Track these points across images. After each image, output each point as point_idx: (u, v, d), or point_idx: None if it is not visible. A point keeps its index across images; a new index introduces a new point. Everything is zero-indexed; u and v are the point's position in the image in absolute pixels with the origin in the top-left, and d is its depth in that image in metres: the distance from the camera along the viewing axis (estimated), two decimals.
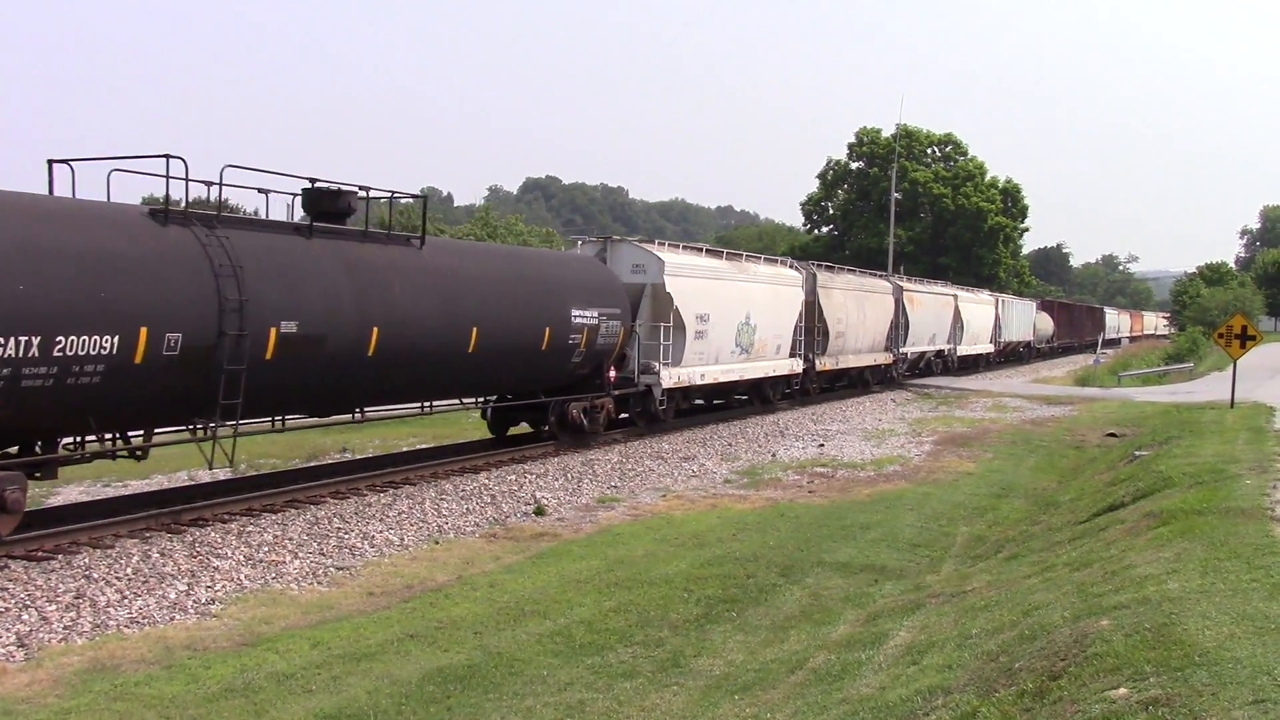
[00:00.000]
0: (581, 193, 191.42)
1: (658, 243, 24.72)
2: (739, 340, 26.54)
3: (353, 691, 8.33)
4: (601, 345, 20.93)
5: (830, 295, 32.96)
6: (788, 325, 29.67)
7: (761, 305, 27.63)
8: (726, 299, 25.80)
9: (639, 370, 22.85)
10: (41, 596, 10.48)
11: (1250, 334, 26.26)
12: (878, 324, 37.70)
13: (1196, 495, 12.07)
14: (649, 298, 23.11)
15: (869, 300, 36.83)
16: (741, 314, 26.52)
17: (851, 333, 34.83)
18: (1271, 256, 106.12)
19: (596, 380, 21.47)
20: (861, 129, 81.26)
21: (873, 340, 37.46)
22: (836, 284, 34.10)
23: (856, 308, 35.25)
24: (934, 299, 44.98)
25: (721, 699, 8.14)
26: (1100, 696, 5.70)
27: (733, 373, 26.77)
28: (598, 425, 21.50)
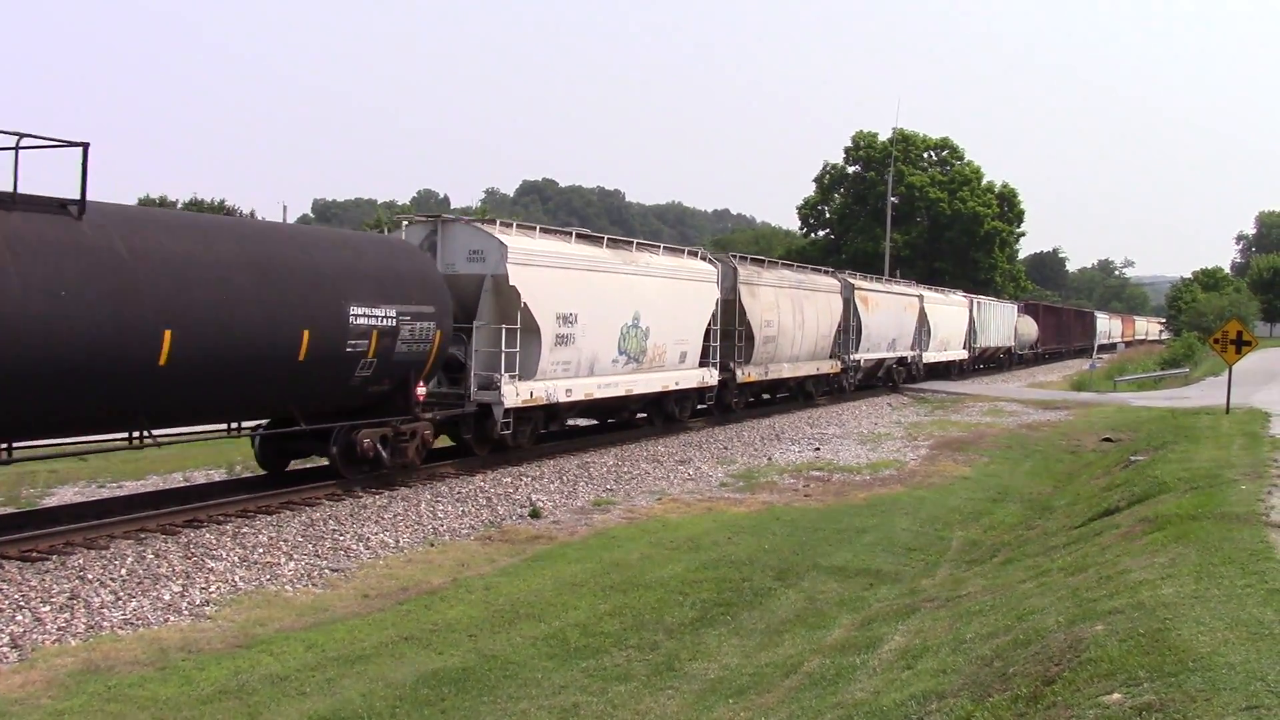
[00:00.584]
0: (578, 195, 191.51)
1: (500, 224, 19.50)
2: (624, 346, 21.87)
3: (347, 694, 8.32)
4: (405, 354, 16.23)
5: (757, 293, 28.43)
6: (696, 328, 24.92)
7: (658, 304, 22.89)
8: (603, 296, 21.02)
9: (476, 385, 18.37)
10: (35, 597, 10.46)
11: (1245, 339, 26.28)
12: (821, 327, 33.01)
13: (1191, 500, 12.09)
14: (490, 293, 18.56)
15: (810, 300, 32.15)
16: (627, 314, 21.92)
17: (786, 337, 30.24)
18: (1267, 262, 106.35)
19: (403, 400, 16.74)
20: (858, 133, 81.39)
21: (814, 346, 32.77)
22: (766, 280, 29.31)
23: (793, 308, 30.67)
24: (893, 299, 40.50)
25: (716, 703, 8.14)
26: (1094, 702, 5.70)
27: (614, 386, 21.82)
28: (407, 457, 16.88)
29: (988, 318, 55.38)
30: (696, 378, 25.22)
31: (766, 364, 29.44)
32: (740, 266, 27.92)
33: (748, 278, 28.05)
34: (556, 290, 19.65)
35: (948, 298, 49.82)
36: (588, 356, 20.73)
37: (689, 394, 25.69)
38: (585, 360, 20.68)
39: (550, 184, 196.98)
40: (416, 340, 16.39)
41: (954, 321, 49.29)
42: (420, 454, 17.35)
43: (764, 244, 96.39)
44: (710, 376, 25.79)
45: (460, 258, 18.71)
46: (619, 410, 24.03)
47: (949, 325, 48.10)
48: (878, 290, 39.38)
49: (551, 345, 19.48)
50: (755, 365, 28.66)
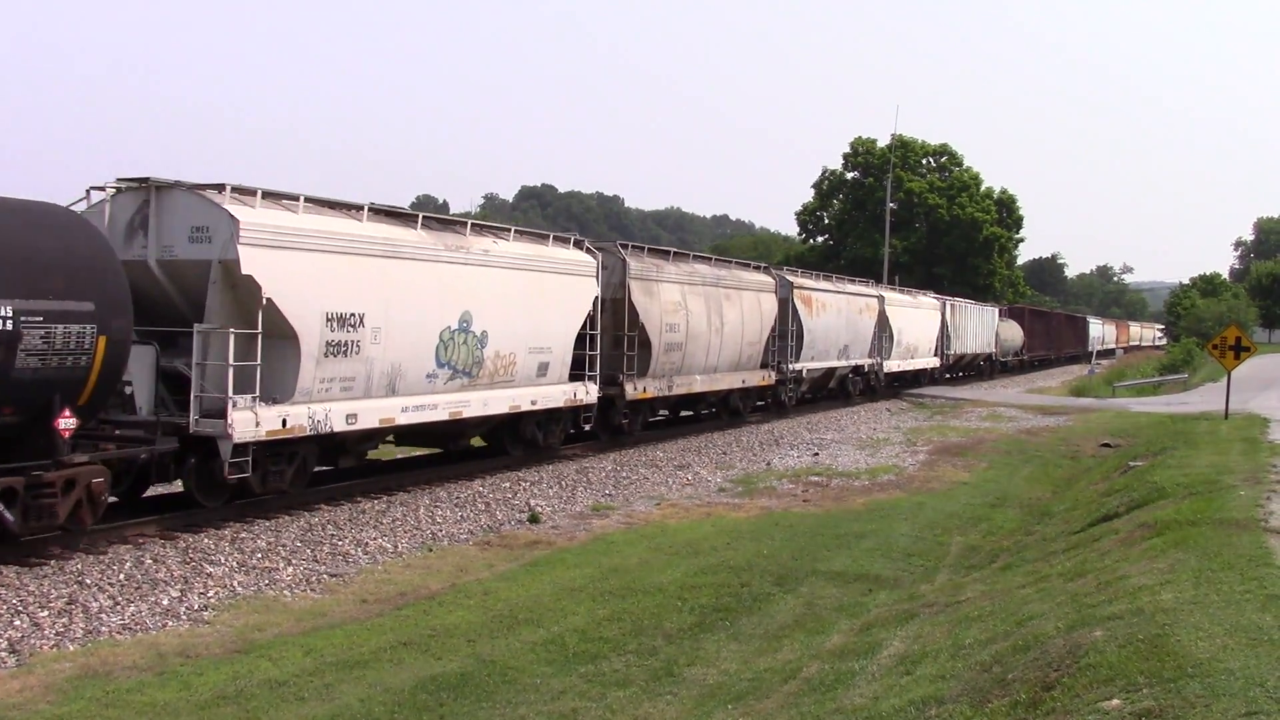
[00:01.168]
0: (577, 201, 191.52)
1: (232, 191, 14.25)
2: (446, 357, 17.08)
3: (345, 699, 8.31)
4: (36, 371, 11.43)
5: (656, 291, 23.64)
6: (564, 334, 20.31)
7: (503, 303, 18.37)
8: (410, 291, 16.26)
9: (199, 411, 13.65)
10: (33, 602, 10.45)
11: (1244, 345, 26.31)
12: (749, 332, 28.16)
13: (1191, 506, 12.08)
14: (218, 285, 13.88)
15: (734, 300, 27.41)
16: (450, 316, 17.14)
17: (698, 344, 25.31)
18: (1265, 268, 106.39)
19: (42, 438, 11.81)
20: (857, 139, 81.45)
21: (739, 354, 27.83)
22: (669, 275, 24.49)
23: (707, 310, 25.88)
24: (844, 301, 35.69)
25: (715, 708, 8.13)
26: (1094, 707, 5.70)
27: (431, 409, 16.92)
28: (58, 518, 11.91)
29: (964, 322, 51.44)
30: (564, 395, 20.31)
31: (670, 376, 24.36)
32: (632, 258, 23.04)
33: (642, 272, 23.31)
34: (326, 283, 14.88)
35: (916, 299, 45.60)
36: (384, 371, 15.87)
37: (559, 415, 20.79)
38: (381, 376, 15.83)
39: (549, 189, 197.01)
40: (59, 351, 11.61)
41: (922, 326, 44.86)
42: (95, 512, 12.43)
43: (763, 249, 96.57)
44: (586, 393, 21.00)
45: (181, 237, 14.02)
46: (453, 437, 19.21)
47: (916, 330, 43.72)
48: (824, 289, 34.46)
49: (318, 356, 14.73)
50: (654, 378, 23.63)
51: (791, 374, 31.48)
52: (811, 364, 32.99)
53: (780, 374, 30.77)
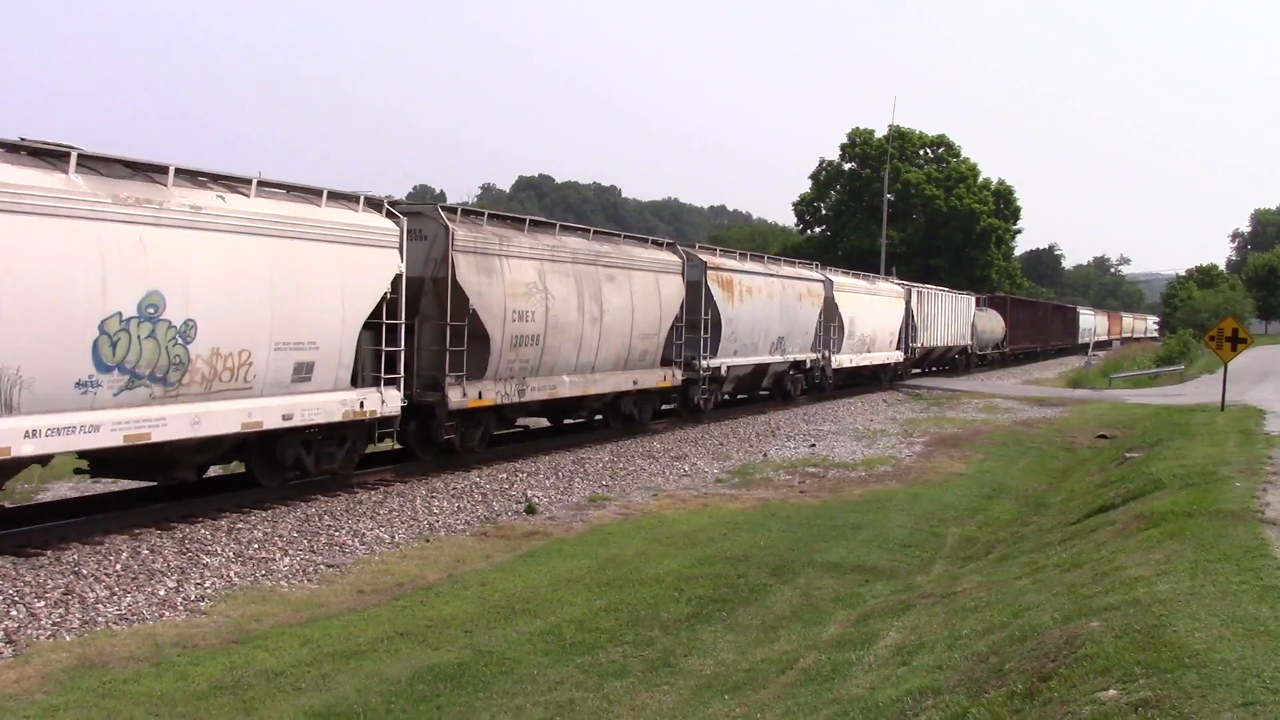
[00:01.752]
0: (574, 191, 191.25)
1: None
2: (121, 359, 12.11)
3: (342, 690, 8.31)
4: None
5: (498, 269, 18.37)
6: (337, 326, 14.96)
7: (224, 282, 13.38)
8: (46, 264, 11.41)
9: None
10: (30, 592, 10.44)
11: (1241, 337, 26.32)
12: (643, 322, 22.95)
13: (1187, 497, 12.10)
14: None
15: (619, 282, 22.09)
16: (121, 299, 12.10)
17: (564, 337, 20.18)
18: (1262, 260, 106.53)
19: None
20: (854, 129, 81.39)
21: (627, 349, 22.51)
22: (520, 249, 19.11)
23: (579, 294, 20.59)
24: (778, 285, 30.35)
25: (712, 699, 8.13)
26: (1090, 698, 5.70)
27: (91, 432, 11.90)
28: None
29: (933, 311, 46.49)
30: (343, 406, 15.17)
31: (522, 378, 19.14)
32: (461, 225, 17.73)
33: (476, 243, 17.87)
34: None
35: (873, 285, 40.41)
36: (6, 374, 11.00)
37: (343, 431, 15.70)
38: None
39: (546, 180, 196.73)
40: None
41: (881, 315, 39.61)
42: None
43: (760, 240, 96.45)
44: (381, 402, 15.92)
45: None
46: (161, 466, 13.78)
47: (873, 320, 38.58)
48: (749, 271, 29.04)
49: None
50: (496, 381, 18.54)
51: (706, 372, 26.22)
52: (734, 360, 27.80)
53: (691, 372, 25.67)
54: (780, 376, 32.01)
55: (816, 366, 33.89)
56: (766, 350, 29.98)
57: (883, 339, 39.90)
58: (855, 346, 36.93)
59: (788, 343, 31.32)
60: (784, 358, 31.23)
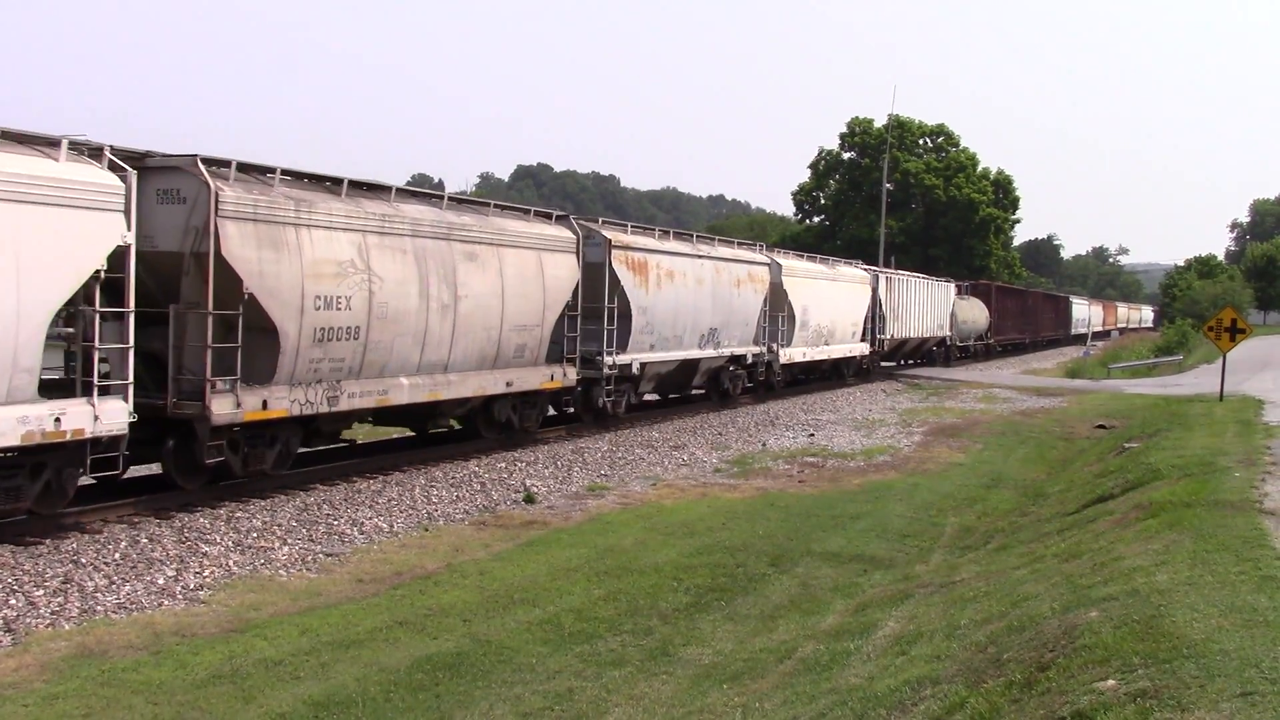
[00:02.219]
0: (573, 180, 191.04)
1: None
2: None
3: (341, 679, 8.31)
4: None
5: (296, 243, 14.43)
6: (16, 316, 11.23)
7: None
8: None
9: None
10: (29, 581, 10.44)
11: (1240, 327, 26.33)
12: (518, 311, 18.89)
13: (1185, 487, 12.11)
14: None
15: (484, 262, 18.06)
16: None
17: (400, 329, 16.23)
18: (1261, 250, 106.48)
19: None
20: (853, 119, 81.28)
21: (496, 344, 18.56)
22: (329, 218, 15.06)
23: (422, 275, 16.53)
24: (709, 268, 26.41)
25: (710, 688, 8.14)
26: (1088, 688, 5.70)
27: None
28: None
29: (906, 300, 42.79)
30: (16, 428, 11.23)
31: (333, 382, 15.15)
32: (228, 186, 13.75)
33: (254, 209, 13.95)
34: None
35: (832, 270, 36.17)
36: None
37: (12, 461, 11.65)
38: None
39: (545, 168, 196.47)
40: None
41: (842, 304, 35.88)
42: None
43: (759, 230, 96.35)
44: (93, 419, 12.04)
45: None
46: None
47: (833, 309, 34.94)
48: (670, 252, 24.82)
49: None
50: (293, 386, 14.54)
51: (613, 370, 22.30)
52: (651, 355, 23.89)
53: (592, 370, 21.90)
54: (715, 373, 28.23)
55: (761, 361, 29.99)
56: (695, 344, 26.07)
57: (843, 330, 36.17)
58: (809, 339, 33.10)
59: (723, 335, 27.34)
60: (718, 352, 27.30)
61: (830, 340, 34.97)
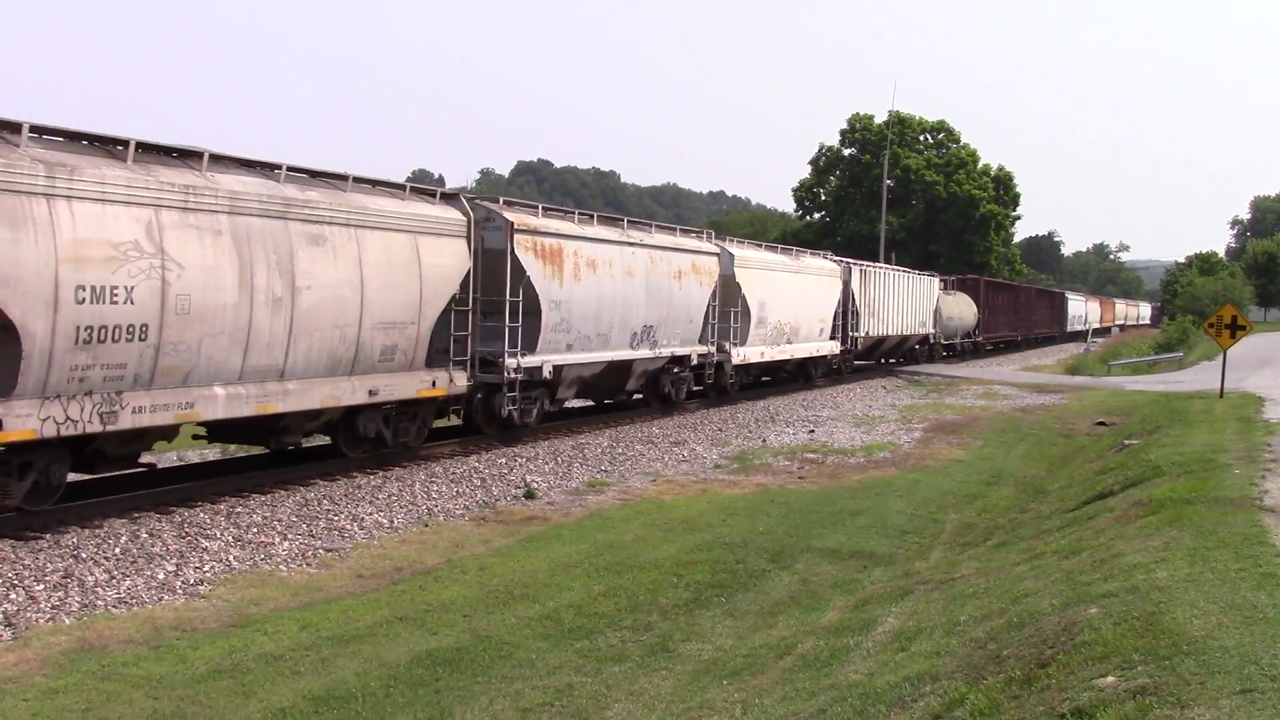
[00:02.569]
0: (573, 176, 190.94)
1: None
2: None
3: (341, 673, 8.32)
4: None
5: (46, 219, 11.27)
6: None
7: None
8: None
9: None
10: (29, 575, 10.45)
11: (1240, 324, 26.31)
12: (383, 307, 15.94)
13: (1185, 484, 12.11)
14: None
15: (338, 246, 15.12)
16: None
17: (204, 330, 13.19)
18: (1261, 247, 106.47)
19: None
20: (854, 115, 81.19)
21: (350, 346, 15.49)
22: (95, 186, 11.79)
23: (232, 262, 13.55)
24: (642, 258, 23.03)
25: (710, 683, 8.15)
26: (1088, 684, 5.71)
27: None
28: None
29: (883, 294, 39.35)
30: None
31: (110, 394, 12.13)
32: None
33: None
34: None
35: (796, 261, 32.35)
36: None
37: None
38: None
39: (545, 165, 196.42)
40: None
41: (806, 298, 32.24)
42: None
43: (759, 226, 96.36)
44: None
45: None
46: None
47: (796, 304, 31.42)
48: (591, 239, 21.47)
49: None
50: (45, 399, 11.50)
51: (518, 374, 19.14)
52: (568, 357, 20.71)
53: (493, 374, 18.80)
54: (654, 376, 24.94)
55: (709, 362, 26.52)
56: (626, 343, 22.66)
57: (809, 327, 32.68)
58: (769, 336, 29.69)
59: (661, 333, 23.88)
60: (655, 352, 23.84)
61: (794, 338, 31.60)
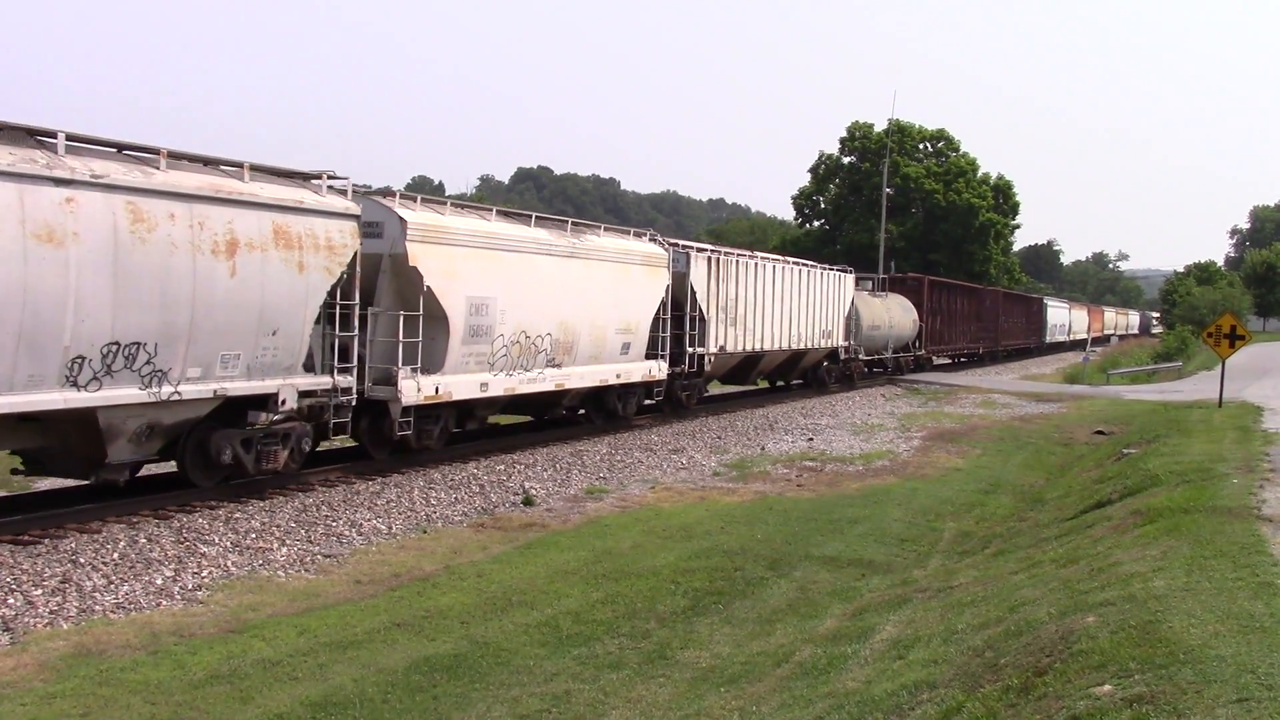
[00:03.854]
0: (573, 183, 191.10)
1: None
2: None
3: (339, 679, 8.32)
4: None
5: None
6: None
7: None
8: None
9: None
10: (27, 580, 10.44)
11: (1239, 334, 26.33)
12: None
13: (1183, 494, 12.12)
14: None
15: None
16: None
17: None
18: (1260, 256, 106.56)
19: None
20: (854, 123, 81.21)
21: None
22: None
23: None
24: (165, 226, 12.39)
25: (708, 691, 8.15)
26: (1085, 693, 5.72)
27: None
28: None
29: (751, 294, 28.00)
30: None
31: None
32: None
33: None
34: None
35: (571, 240, 20.89)
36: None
37: None
38: None
39: (545, 171, 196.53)
40: None
41: (601, 297, 21.50)
42: None
43: (759, 234, 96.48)
44: None
45: None
46: None
47: (573, 306, 20.67)
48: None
49: None
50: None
51: None
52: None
53: None
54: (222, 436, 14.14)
55: (324, 404, 15.15)
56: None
57: (601, 340, 21.59)
58: (500, 357, 18.50)
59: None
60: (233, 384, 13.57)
61: (567, 357, 20.53)
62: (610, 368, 22.22)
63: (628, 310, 22.57)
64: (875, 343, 39.18)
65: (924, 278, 47.51)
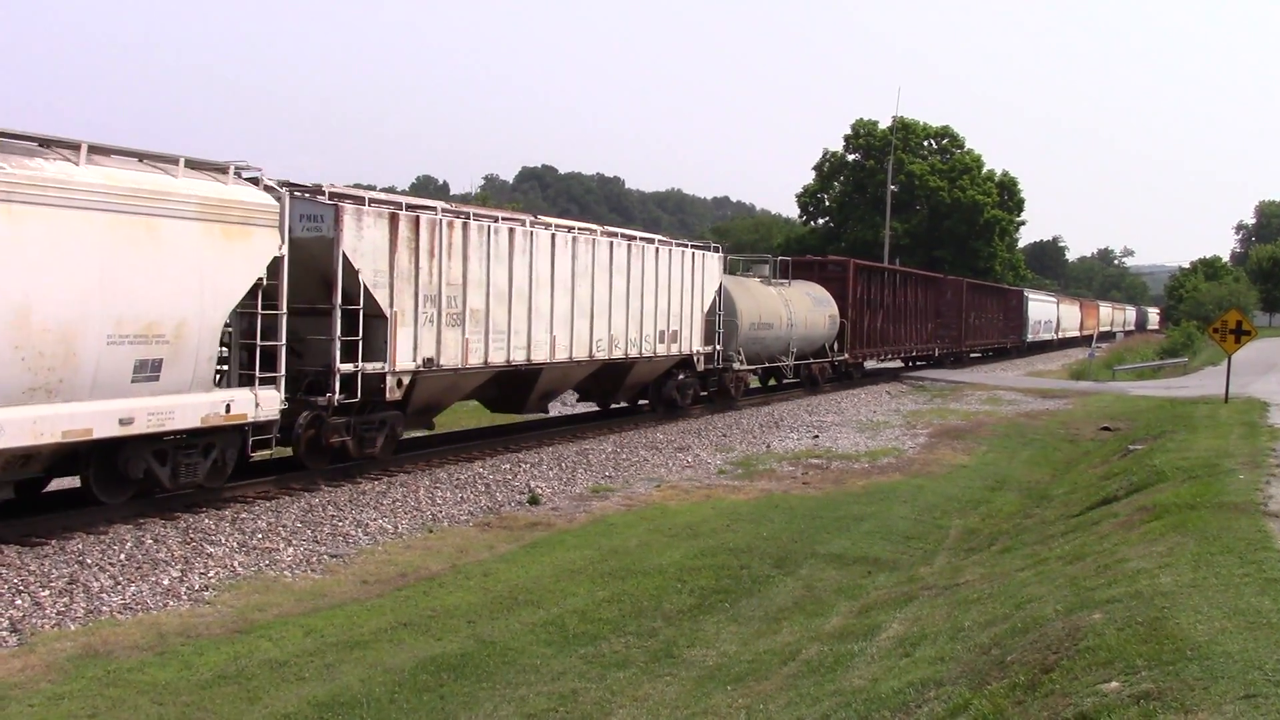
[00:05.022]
0: (578, 182, 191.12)
1: None
2: None
3: (346, 679, 8.33)
4: None
5: None
6: None
7: None
8: None
9: None
10: (35, 582, 10.47)
11: (1245, 329, 26.29)
12: None
13: (1190, 490, 12.09)
14: None
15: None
16: None
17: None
18: (1266, 252, 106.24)
19: None
20: (858, 121, 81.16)
21: None
22: None
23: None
24: None
25: (714, 689, 8.15)
26: (1092, 690, 5.71)
27: None
28: None
29: (518, 277, 18.63)
30: None
31: None
32: None
33: None
34: None
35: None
36: None
37: None
38: None
39: (550, 170, 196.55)
40: None
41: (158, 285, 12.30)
42: None
43: (763, 231, 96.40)
44: None
45: None
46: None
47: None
48: None
49: None
50: None
51: None
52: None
53: None
54: None
55: None
56: None
57: (184, 368, 12.77)
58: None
59: None
60: None
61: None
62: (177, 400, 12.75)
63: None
64: (766, 347, 29.65)
65: (849, 261, 37.46)
